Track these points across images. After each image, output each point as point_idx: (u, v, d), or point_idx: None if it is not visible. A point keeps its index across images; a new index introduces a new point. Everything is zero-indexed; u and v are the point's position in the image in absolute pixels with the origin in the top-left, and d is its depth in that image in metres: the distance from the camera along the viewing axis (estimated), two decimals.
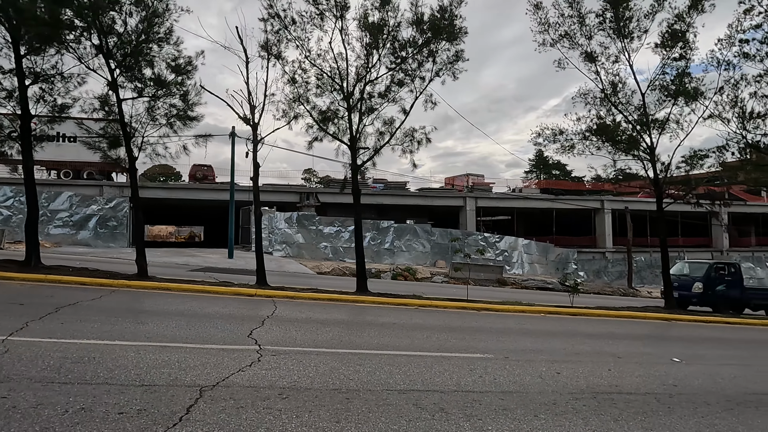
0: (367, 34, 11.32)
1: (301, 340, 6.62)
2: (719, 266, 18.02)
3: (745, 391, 5.91)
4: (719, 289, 16.94)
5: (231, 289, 10.48)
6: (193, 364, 4.91)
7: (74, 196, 26.03)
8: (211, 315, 7.80)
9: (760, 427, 4.61)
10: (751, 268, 43.27)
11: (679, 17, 13.48)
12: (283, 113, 12.41)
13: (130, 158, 10.74)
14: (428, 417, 4.08)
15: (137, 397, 3.87)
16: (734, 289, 17.35)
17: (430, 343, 7.22)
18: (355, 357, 5.89)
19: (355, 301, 10.98)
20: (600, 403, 4.90)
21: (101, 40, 9.83)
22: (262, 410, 3.87)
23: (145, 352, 5.18)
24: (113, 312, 7.32)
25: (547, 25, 14.85)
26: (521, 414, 4.37)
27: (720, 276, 17.37)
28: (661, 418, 4.62)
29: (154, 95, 10.67)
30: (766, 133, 16.09)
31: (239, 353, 5.53)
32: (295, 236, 29.76)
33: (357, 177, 12.43)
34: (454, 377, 5.36)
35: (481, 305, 11.87)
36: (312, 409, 4.01)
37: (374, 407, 4.18)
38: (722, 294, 16.97)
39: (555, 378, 5.75)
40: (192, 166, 36.67)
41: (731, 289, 17.23)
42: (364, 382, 4.87)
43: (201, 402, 3.91)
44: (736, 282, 17.55)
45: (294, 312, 8.87)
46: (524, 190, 48.18)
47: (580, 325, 10.67)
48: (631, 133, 14.59)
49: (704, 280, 16.98)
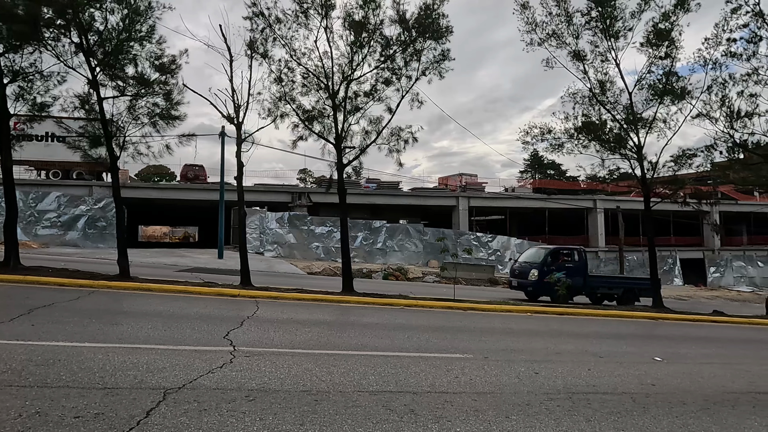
0: (352, 33, 11.25)
1: (279, 341, 6.53)
2: (562, 252, 16.89)
3: (724, 390, 5.88)
4: (557, 276, 15.59)
5: (214, 290, 10.37)
6: (162, 366, 4.82)
7: (62, 196, 25.81)
8: (189, 316, 7.70)
9: (733, 426, 4.58)
10: (742, 267, 43.65)
11: (665, 16, 13.49)
12: (269, 112, 12.32)
13: (112, 157, 10.60)
14: (396, 419, 4.02)
15: (97, 401, 3.78)
16: (576, 277, 16.06)
17: (410, 343, 7.16)
18: (330, 358, 5.82)
19: (339, 302, 10.90)
20: (575, 404, 4.85)
21: (81, 38, 9.70)
22: (225, 413, 3.79)
23: (113, 354, 5.08)
24: (88, 313, 7.21)
25: (534, 24, 14.83)
26: (492, 415, 4.31)
27: (560, 262, 16.23)
28: (635, 418, 4.58)
29: (136, 94, 10.55)
30: (753, 132, 16.15)
31: (212, 354, 5.44)
32: (287, 236, 29.65)
33: (342, 176, 12.36)
34: (429, 378, 5.30)
35: (467, 305, 11.82)
36: (277, 411, 3.93)
37: (342, 409, 4.11)
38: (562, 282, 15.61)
39: (532, 378, 5.69)
40: (183, 166, 36.46)
41: (573, 276, 15.88)
42: (335, 384, 4.80)
43: (163, 405, 3.83)
44: (578, 269, 16.29)
45: (276, 313, 8.78)
46: (518, 189, 48.24)
47: (566, 325, 10.64)
48: (618, 131, 14.60)
49: (540, 266, 15.86)
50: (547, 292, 15.56)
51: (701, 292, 33.46)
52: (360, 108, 12.19)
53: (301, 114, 12.09)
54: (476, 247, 34.46)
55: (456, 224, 38.46)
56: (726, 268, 42.46)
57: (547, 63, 15.62)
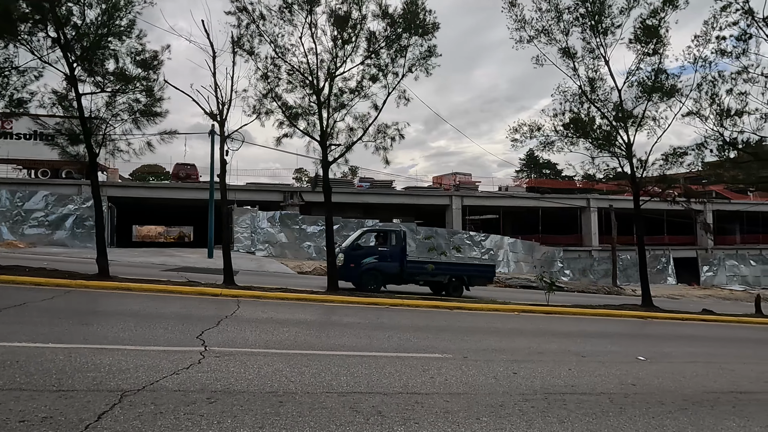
0: (335, 28, 11.10)
1: (253, 341, 6.39)
2: (377, 234, 15.38)
3: (704, 390, 5.78)
4: (366, 261, 14.26)
5: (196, 289, 10.21)
6: (125, 368, 4.67)
7: (50, 195, 25.55)
8: (165, 315, 7.55)
9: (709, 426, 4.47)
10: (735, 266, 43.78)
11: (654, 13, 13.41)
12: (254, 109, 12.16)
13: (91, 155, 10.41)
14: (362, 421, 3.88)
15: (48, 404, 3.63)
16: (391, 262, 14.54)
17: (389, 343, 7.03)
18: (304, 358, 5.68)
19: (324, 301, 10.76)
20: (550, 405, 4.73)
21: (58, 32, 9.51)
22: (182, 416, 3.64)
23: (76, 355, 4.92)
24: (60, 313, 7.05)
25: (523, 21, 14.72)
26: (463, 417, 4.19)
27: (373, 246, 14.80)
28: (610, 419, 4.46)
29: (116, 90, 10.35)
30: (743, 130, 16.11)
31: (180, 355, 5.29)
32: (278, 236, 29.48)
33: (328, 174, 12.21)
34: (403, 378, 5.17)
35: (453, 304, 11.71)
36: (238, 414, 3.79)
37: (306, 411, 3.97)
38: (372, 268, 14.24)
39: (510, 378, 5.58)
40: (175, 165, 36.24)
41: (387, 261, 14.39)
42: (305, 385, 4.67)
43: (117, 408, 3.68)
44: (394, 253, 14.69)
45: (256, 312, 8.63)
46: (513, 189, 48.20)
47: (552, 324, 10.54)
48: (607, 128, 14.52)
49: (347, 250, 14.50)
50: (353, 279, 14.21)
51: (694, 291, 33.51)
52: (346, 105, 12.07)
53: (285, 111, 11.94)
54: (469, 246, 34.39)
55: (449, 223, 38.37)
56: (719, 267, 42.58)
57: (537, 60, 15.53)
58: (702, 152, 16.70)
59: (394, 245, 14.94)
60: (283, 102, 12.04)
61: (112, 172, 34.12)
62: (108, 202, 26.22)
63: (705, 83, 15.30)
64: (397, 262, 14.73)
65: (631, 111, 14.53)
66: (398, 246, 15.00)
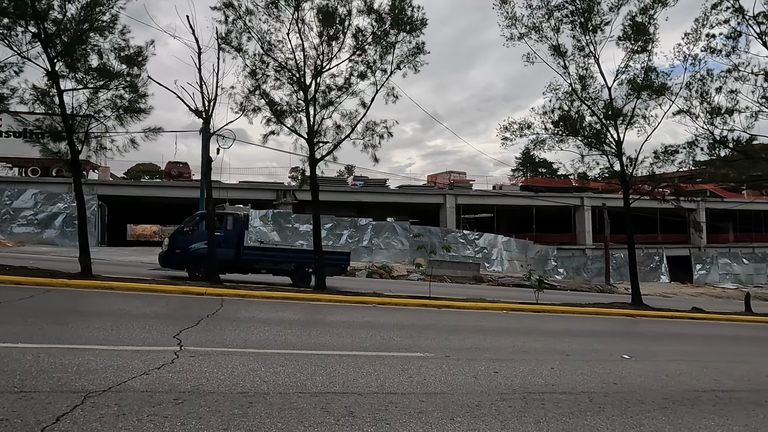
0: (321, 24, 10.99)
1: (231, 340, 6.29)
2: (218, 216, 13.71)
3: (686, 389, 5.72)
4: (195, 247, 13.12)
5: (180, 288, 10.09)
6: (94, 368, 4.56)
7: (39, 193, 25.30)
8: (146, 314, 7.43)
9: (687, 426, 4.41)
10: (728, 264, 43.95)
11: (643, 10, 13.37)
12: (241, 106, 12.04)
13: (73, 152, 10.26)
14: (331, 422, 3.80)
15: (6, 406, 3.53)
16: (226, 248, 13.25)
17: (372, 342, 6.94)
18: (281, 358, 5.59)
19: (310, 300, 10.66)
20: (528, 404, 4.66)
21: (39, 27, 9.35)
22: (144, 417, 3.55)
23: (45, 356, 4.81)
24: (35, 312, 6.92)
25: (514, 18, 14.65)
26: (437, 417, 4.11)
27: (203, 231, 13.30)
28: (587, 419, 4.39)
29: (99, 86, 10.20)
30: (733, 128, 16.11)
31: (153, 355, 5.19)
32: (271, 234, 29.32)
33: (315, 172, 12.12)
34: (380, 378, 5.09)
35: (442, 302, 11.63)
36: (204, 415, 3.70)
37: (276, 412, 3.88)
38: (202, 254, 12.90)
39: (490, 377, 5.50)
40: (167, 164, 36.05)
41: (220, 247, 12.92)
42: (278, 385, 4.57)
43: (78, 410, 3.58)
44: (230, 239, 13.51)
45: (239, 311, 8.53)
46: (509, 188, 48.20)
47: (540, 322, 10.49)
48: (597, 125, 14.48)
49: (172, 235, 13.49)
50: (180, 266, 13.14)
51: (686, 289, 33.61)
52: (333, 102, 11.96)
53: (272, 108, 11.82)
54: (463, 244, 34.36)
55: (443, 222, 38.31)
56: (712, 266, 42.72)
57: (527, 58, 15.48)
58: (693, 151, 16.72)
59: (230, 230, 13.71)
60: (270, 99, 11.93)
61: (104, 170, 33.86)
62: (98, 201, 25.98)
63: (695, 81, 15.30)
64: (233, 248, 13.54)
65: (621, 109, 14.50)
66: (236, 231, 13.75)
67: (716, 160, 17.47)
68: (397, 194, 39.34)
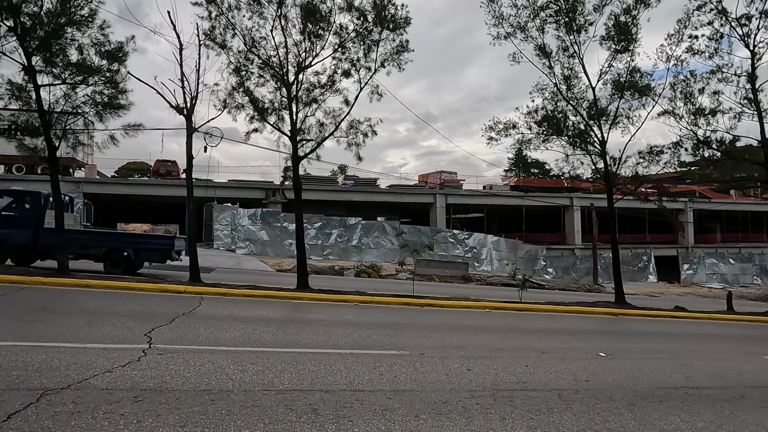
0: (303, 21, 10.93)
1: (204, 338, 6.22)
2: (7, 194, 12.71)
3: (657, 386, 5.74)
4: None
5: (159, 286, 10.00)
6: (56, 366, 4.49)
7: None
8: (118, 313, 7.34)
9: (653, 422, 4.42)
10: (715, 264, 44.39)
11: (626, 11, 13.45)
12: (224, 103, 11.95)
13: (50, 148, 10.12)
14: (293, 419, 3.76)
15: None
16: (20, 230, 12.10)
17: (347, 340, 6.91)
18: (252, 355, 5.54)
19: (292, 298, 10.60)
20: (496, 401, 4.65)
21: (14, 20, 9.20)
22: (100, 416, 3.49)
23: (7, 353, 4.73)
24: (5, 311, 6.81)
25: (501, 18, 14.68)
26: (401, 414, 4.08)
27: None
28: (554, 416, 4.39)
29: (76, 82, 10.06)
30: (716, 129, 16.25)
31: (121, 353, 5.12)
32: (259, 233, 29.20)
33: (298, 169, 12.06)
34: (350, 376, 5.05)
35: (425, 301, 11.62)
36: (162, 413, 3.64)
37: (237, 410, 3.84)
38: None
39: (462, 375, 5.49)
40: (155, 162, 35.78)
41: (16, 229, 11.96)
42: (244, 382, 4.52)
43: (32, 407, 3.51)
44: (26, 220, 12.30)
45: (217, 309, 8.46)
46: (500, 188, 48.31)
47: (522, 321, 10.51)
48: (581, 123, 14.54)
49: None
50: None
51: (673, 289, 33.90)
52: (317, 100, 11.90)
53: (255, 105, 11.74)
54: (453, 244, 34.41)
55: (433, 221, 38.33)
56: (699, 265, 43.12)
57: (513, 58, 15.51)
58: (678, 151, 16.85)
59: (27, 210, 12.41)
60: (253, 97, 11.84)
61: (90, 168, 33.50)
62: (84, 199, 25.67)
63: (678, 82, 15.42)
64: (31, 231, 12.24)
65: (605, 108, 14.57)
66: (33, 212, 12.40)
67: (701, 160, 17.64)
68: (387, 194, 39.31)
